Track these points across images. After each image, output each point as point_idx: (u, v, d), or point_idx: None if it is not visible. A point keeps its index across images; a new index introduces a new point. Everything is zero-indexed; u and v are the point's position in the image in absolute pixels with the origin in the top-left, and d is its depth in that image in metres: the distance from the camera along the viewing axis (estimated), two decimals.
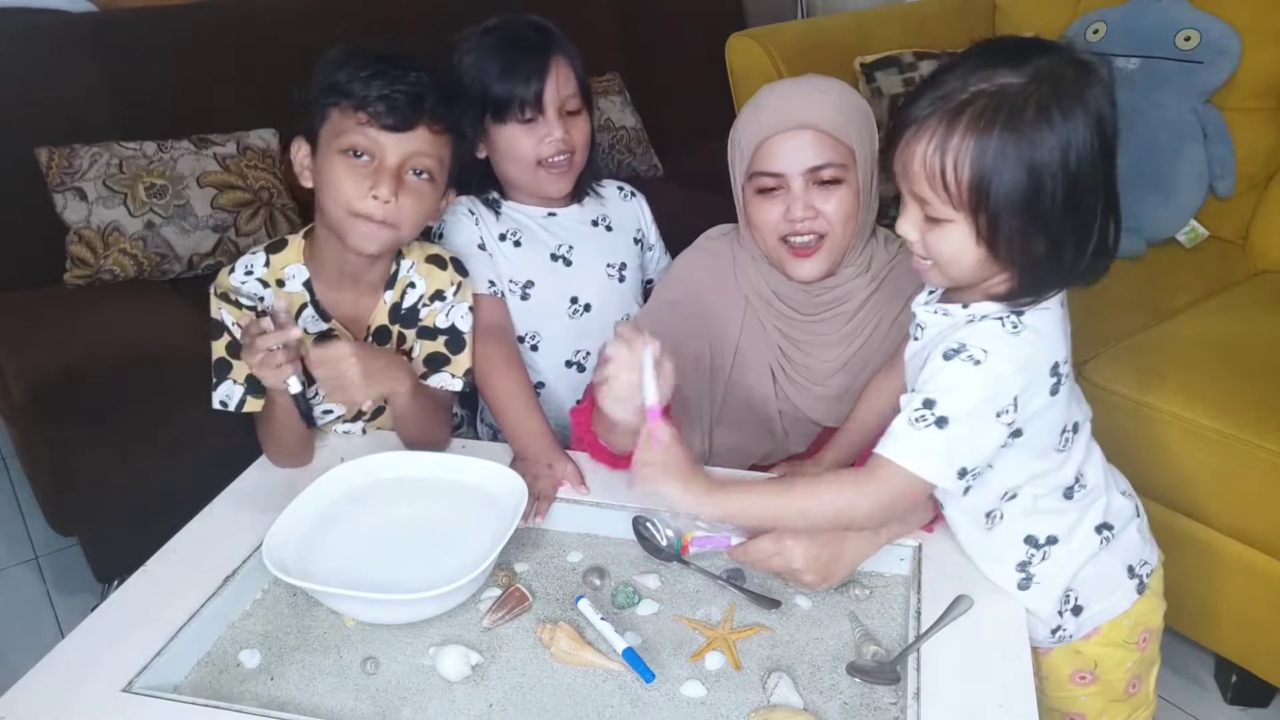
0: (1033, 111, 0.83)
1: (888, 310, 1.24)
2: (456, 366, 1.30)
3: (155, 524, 1.14)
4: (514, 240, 1.43)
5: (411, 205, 1.17)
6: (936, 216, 0.88)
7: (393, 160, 1.14)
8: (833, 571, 1.02)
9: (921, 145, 0.86)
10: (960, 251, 0.89)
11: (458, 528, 1.10)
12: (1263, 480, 1.38)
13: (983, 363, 0.88)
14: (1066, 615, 1.04)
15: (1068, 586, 1.02)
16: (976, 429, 0.89)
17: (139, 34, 2.17)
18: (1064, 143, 0.83)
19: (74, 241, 1.94)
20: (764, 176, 1.17)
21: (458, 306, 1.30)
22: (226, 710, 0.89)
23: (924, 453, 0.90)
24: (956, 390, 0.89)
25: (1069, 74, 0.84)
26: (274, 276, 1.26)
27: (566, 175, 1.41)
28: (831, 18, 2.79)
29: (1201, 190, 1.97)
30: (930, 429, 0.89)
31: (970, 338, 0.90)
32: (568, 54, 1.37)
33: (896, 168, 0.90)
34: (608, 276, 1.47)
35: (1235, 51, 1.90)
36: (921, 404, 0.90)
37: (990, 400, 0.89)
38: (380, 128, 1.13)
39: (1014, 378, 0.89)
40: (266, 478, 1.23)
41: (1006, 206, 0.84)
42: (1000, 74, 0.84)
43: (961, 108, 0.84)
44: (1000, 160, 0.83)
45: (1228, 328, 1.67)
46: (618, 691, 0.94)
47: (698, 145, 2.59)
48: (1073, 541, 1.01)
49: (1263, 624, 1.46)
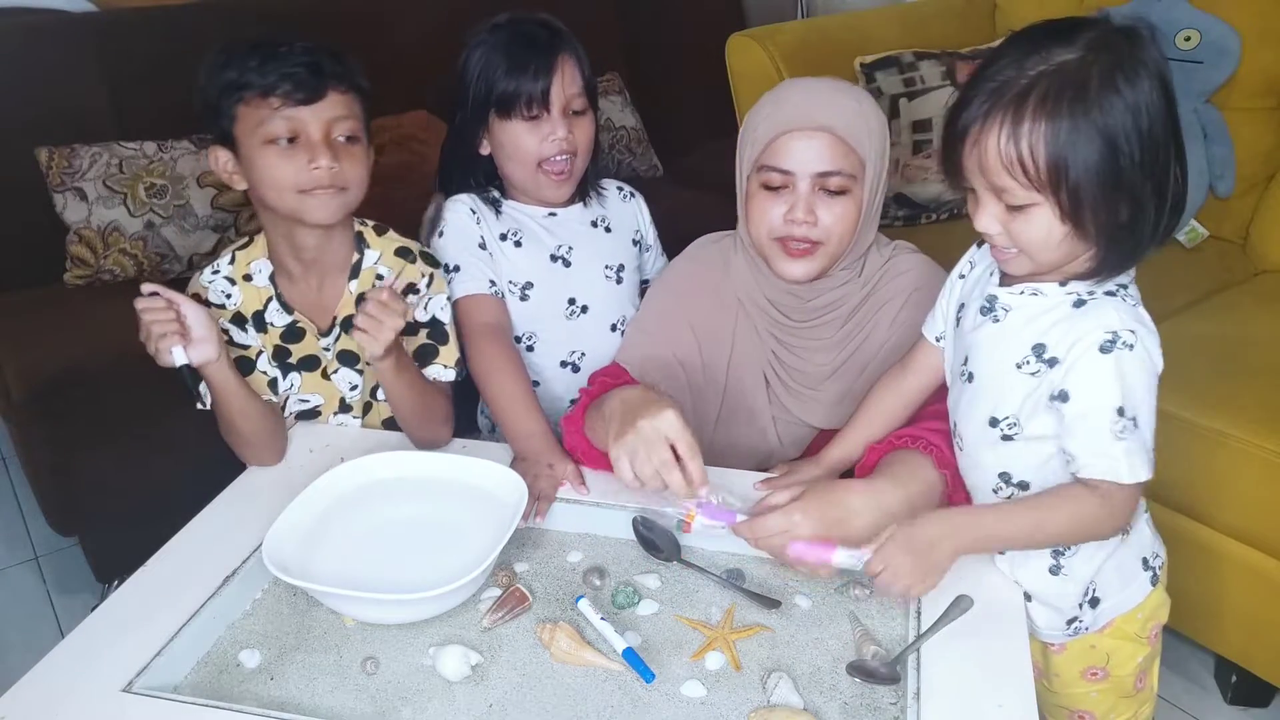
0: (1098, 81, 0.84)
1: (882, 314, 1.24)
2: (446, 357, 1.31)
3: (155, 524, 1.14)
4: (514, 240, 1.43)
5: (351, 166, 1.19)
6: (1018, 204, 0.89)
7: (316, 131, 1.16)
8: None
9: (993, 137, 0.87)
10: (1048, 234, 0.89)
11: (458, 528, 1.10)
12: (1262, 480, 1.38)
13: (1135, 345, 0.90)
14: (1085, 607, 1.05)
15: (1091, 578, 1.03)
16: (1153, 406, 0.92)
17: (139, 34, 2.17)
18: (1133, 106, 0.84)
19: (74, 241, 1.95)
20: (772, 172, 1.16)
21: (435, 299, 1.31)
22: (226, 710, 0.89)
23: (1137, 458, 0.91)
24: (1133, 385, 0.90)
25: (1120, 40, 0.86)
26: (240, 273, 1.28)
27: (566, 182, 1.40)
28: (831, 18, 2.79)
29: (1201, 190, 1.97)
30: (1133, 435, 0.91)
31: (1110, 322, 0.90)
32: (576, 53, 1.37)
33: (968, 166, 0.90)
34: (605, 278, 1.47)
35: (1235, 51, 1.90)
36: (1116, 414, 0.90)
37: (1153, 374, 0.92)
38: (295, 104, 1.14)
39: (1156, 347, 0.92)
40: (266, 478, 1.23)
41: (1087, 179, 0.85)
42: (1055, 53, 0.85)
43: (1026, 92, 0.85)
44: (1075, 135, 0.84)
45: (1228, 328, 1.67)
46: (618, 691, 0.94)
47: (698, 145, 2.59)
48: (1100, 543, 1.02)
49: (1263, 624, 1.46)
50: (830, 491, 1.03)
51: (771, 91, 1.20)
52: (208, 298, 1.26)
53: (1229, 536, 1.45)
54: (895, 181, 2.17)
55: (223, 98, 1.16)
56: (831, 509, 1.00)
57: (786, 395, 1.27)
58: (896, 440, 1.10)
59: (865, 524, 1.01)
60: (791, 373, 1.26)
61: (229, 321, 1.27)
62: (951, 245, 1.11)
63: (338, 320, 1.29)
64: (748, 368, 1.28)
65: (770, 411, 1.28)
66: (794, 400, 1.27)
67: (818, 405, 1.26)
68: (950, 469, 1.07)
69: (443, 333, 1.31)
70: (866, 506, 1.02)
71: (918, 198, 2.18)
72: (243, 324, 1.28)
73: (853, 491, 1.03)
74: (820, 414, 1.26)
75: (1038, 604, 1.06)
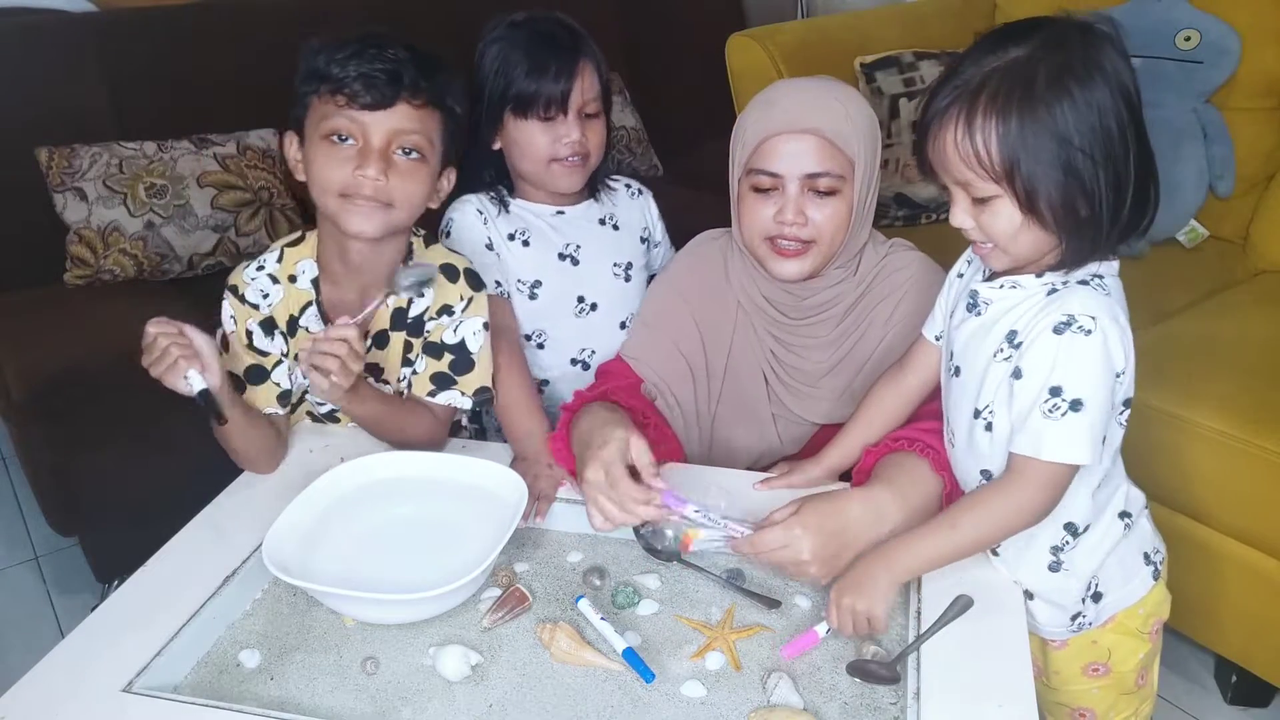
0: (1044, 78, 0.86)
1: (878, 311, 1.24)
2: (466, 384, 1.26)
3: (155, 524, 1.14)
4: (523, 240, 1.43)
5: (402, 184, 1.14)
6: (981, 196, 0.91)
7: (377, 139, 1.12)
8: (837, 564, 1.01)
9: (950, 132, 0.89)
10: (1012, 225, 0.91)
11: (458, 528, 1.10)
12: (1262, 480, 1.38)
13: (1093, 331, 0.90)
14: (1088, 602, 1.05)
15: (1094, 573, 1.03)
16: (1104, 397, 0.91)
17: (139, 34, 2.17)
18: (1085, 101, 0.85)
19: (74, 241, 1.95)
20: (761, 175, 1.17)
21: (467, 322, 1.26)
22: (226, 710, 0.89)
23: (1068, 442, 0.91)
24: (1079, 369, 0.90)
25: (1075, 37, 0.87)
26: (286, 272, 1.24)
27: (579, 171, 1.41)
28: (831, 18, 2.79)
29: (1201, 190, 1.97)
30: (1067, 416, 0.90)
31: (1071, 307, 0.91)
32: (595, 57, 1.37)
33: (933, 161, 0.93)
34: (614, 276, 1.48)
35: (1235, 51, 1.90)
36: (1049, 393, 0.90)
37: (1108, 364, 0.91)
38: (360, 107, 1.10)
39: (1120, 336, 0.91)
40: (266, 477, 1.23)
41: (1040, 172, 0.87)
42: (1009, 51, 0.88)
43: (979, 89, 0.88)
44: (1023, 130, 0.86)
45: (1228, 328, 1.67)
46: (618, 691, 0.94)
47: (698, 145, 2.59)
48: (1099, 528, 1.02)
49: (1263, 624, 1.46)
50: (828, 503, 1.03)
51: (760, 94, 1.21)
52: (244, 294, 1.22)
53: (1228, 536, 1.45)
54: (895, 181, 2.17)
55: (303, 84, 1.14)
56: (830, 521, 1.01)
57: (785, 393, 1.27)
58: (893, 443, 1.10)
59: (864, 533, 1.02)
60: (790, 370, 1.26)
61: (256, 324, 1.24)
62: (951, 245, 1.11)
63: (371, 335, 1.25)
64: (747, 366, 1.28)
65: (770, 409, 1.28)
66: (793, 398, 1.27)
67: (817, 402, 1.26)
68: (948, 471, 1.07)
69: (468, 360, 1.26)
70: (865, 516, 1.02)
71: (918, 198, 2.18)
72: (271, 329, 1.24)
73: (850, 501, 1.04)
74: (819, 411, 1.27)
75: (1040, 601, 1.06)
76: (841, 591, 0.97)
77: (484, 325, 1.27)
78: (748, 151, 1.18)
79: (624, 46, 2.72)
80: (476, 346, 1.26)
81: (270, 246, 1.27)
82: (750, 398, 1.28)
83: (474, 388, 1.27)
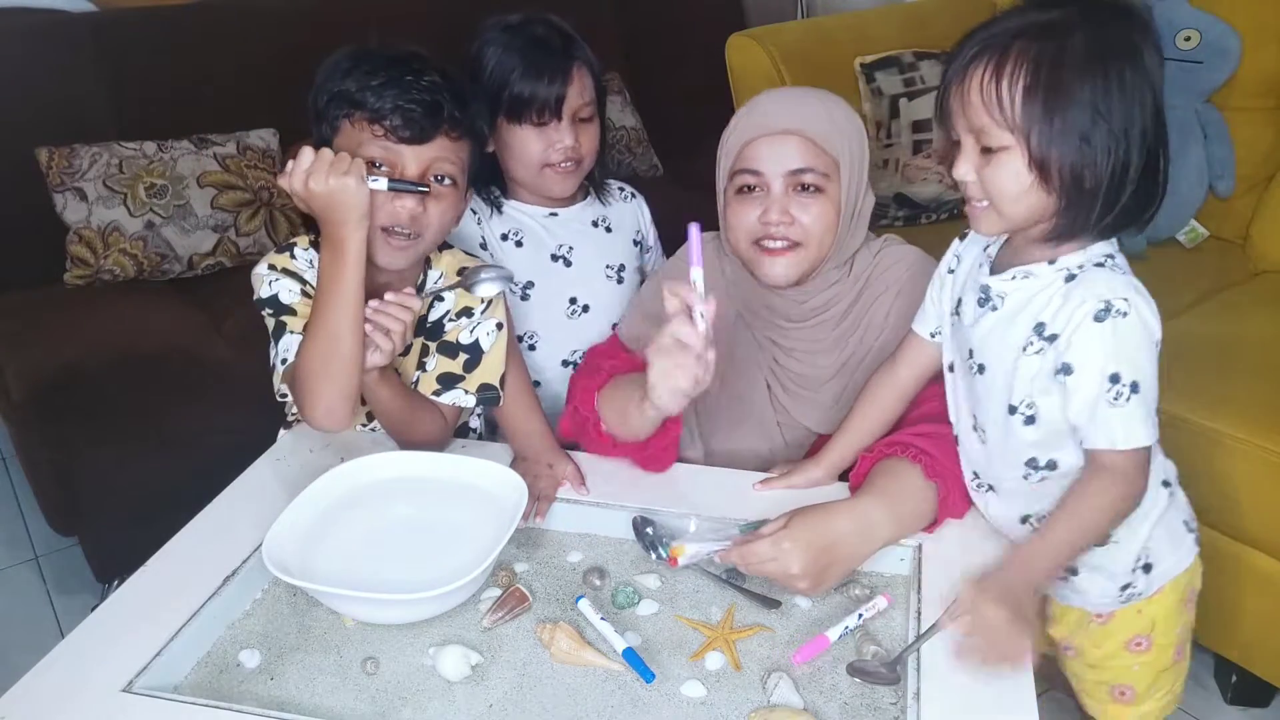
0: (1081, 45, 0.87)
1: (876, 309, 1.24)
2: (470, 383, 1.25)
3: (155, 524, 1.14)
4: (515, 240, 1.43)
5: (437, 213, 1.15)
6: (992, 145, 0.91)
7: (414, 171, 1.12)
8: (826, 578, 1.02)
9: (978, 72, 0.90)
10: (1015, 181, 0.91)
11: (458, 528, 1.10)
12: (1262, 480, 1.38)
13: (1129, 312, 0.90)
14: (1138, 573, 1.06)
15: (1144, 544, 1.04)
16: (1153, 371, 0.92)
17: (139, 34, 2.17)
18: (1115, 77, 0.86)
19: (74, 241, 1.95)
20: (745, 174, 1.17)
21: (484, 323, 1.26)
22: (226, 710, 0.89)
23: (1137, 423, 0.92)
24: (1131, 352, 0.91)
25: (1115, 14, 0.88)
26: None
27: (572, 175, 1.41)
28: (831, 18, 2.79)
29: (1201, 190, 1.97)
30: (1130, 401, 0.91)
31: (1101, 291, 0.91)
32: (589, 61, 1.37)
33: (953, 106, 0.93)
34: (606, 278, 1.48)
35: (1235, 51, 1.90)
36: (1109, 381, 0.91)
37: (1151, 339, 0.92)
38: (398, 140, 1.10)
39: (1148, 306, 0.92)
40: (267, 477, 1.23)
41: (1058, 134, 0.87)
42: (1049, 11, 0.89)
43: (1014, 34, 0.88)
44: (1051, 86, 0.87)
45: (1228, 328, 1.67)
46: (618, 691, 0.94)
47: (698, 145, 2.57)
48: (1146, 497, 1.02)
49: (1263, 623, 1.46)
50: (817, 517, 1.02)
51: (745, 104, 1.22)
52: (289, 268, 1.18)
53: (1229, 536, 1.45)
54: (895, 181, 2.17)
55: (332, 105, 1.11)
56: (819, 536, 1.01)
57: (787, 398, 1.27)
58: (886, 449, 1.11)
59: (854, 548, 1.03)
60: (793, 376, 1.26)
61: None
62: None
63: None
64: (748, 373, 1.28)
65: (774, 415, 1.28)
66: (794, 403, 1.27)
67: (818, 407, 1.26)
68: (942, 477, 1.07)
69: (478, 359, 1.26)
70: (854, 531, 1.03)
71: (918, 198, 2.18)
72: None
73: (838, 515, 1.03)
74: (821, 416, 1.26)
75: (1088, 573, 1.06)
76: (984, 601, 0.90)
77: (498, 325, 1.27)
78: (732, 157, 1.19)
79: (624, 46, 2.72)
80: (489, 345, 1.26)
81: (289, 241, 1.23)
82: (753, 404, 1.28)
83: (478, 384, 1.26)
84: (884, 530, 1.04)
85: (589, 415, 1.20)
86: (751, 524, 1.08)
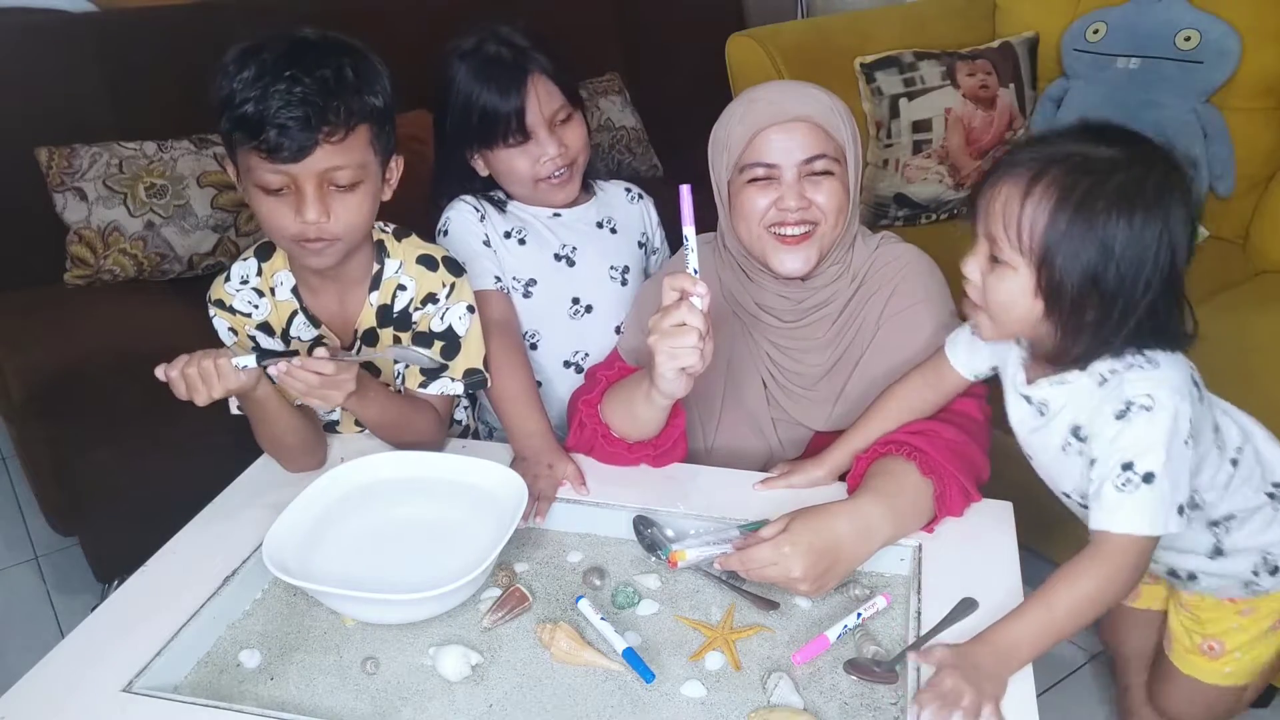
0: (1114, 186, 0.87)
1: (870, 308, 1.24)
2: (455, 370, 1.27)
3: (155, 524, 1.14)
4: (519, 238, 1.43)
5: (347, 213, 1.11)
6: (1002, 259, 0.93)
7: (309, 184, 1.08)
8: (827, 581, 1.02)
9: (1007, 186, 0.91)
10: (1014, 300, 0.93)
11: (458, 528, 1.10)
12: None
13: (1153, 408, 0.91)
14: (1262, 574, 1.08)
15: (1264, 551, 1.07)
16: (1178, 466, 0.92)
17: (139, 34, 2.17)
18: (1139, 226, 0.87)
19: (74, 241, 1.95)
20: (757, 167, 1.17)
21: (453, 308, 1.26)
22: (226, 710, 0.89)
23: (1144, 513, 0.91)
24: (1147, 443, 0.91)
25: (1160, 165, 0.89)
26: (266, 285, 1.24)
27: (568, 184, 1.41)
28: (831, 18, 2.78)
29: (1201, 190, 1.97)
30: (1141, 489, 0.91)
31: (1126, 393, 0.93)
32: (545, 67, 1.35)
33: (981, 203, 0.95)
34: (610, 279, 1.48)
35: (1235, 51, 1.90)
36: (1120, 468, 0.91)
37: (1176, 434, 0.92)
38: (280, 162, 1.05)
39: (1182, 404, 0.92)
40: (266, 478, 1.23)
41: (1069, 269, 0.89)
42: (1098, 147, 0.90)
43: (1052, 162, 0.89)
44: (1072, 222, 0.88)
45: (1228, 328, 1.66)
46: (618, 691, 0.94)
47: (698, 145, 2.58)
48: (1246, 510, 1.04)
49: None
50: (817, 520, 1.02)
51: (737, 99, 1.22)
52: (233, 305, 1.23)
53: None
54: (895, 181, 2.17)
55: (222, 117, 1.08)
56: (819, 539, 1.01)
57: (784, 397, 1.27)
58: (881, 448, 1.11)
59: (854, 549, 1.03)
60: (789, 375, 1.26)
61: (255, 329, 1.24)
62: (951, 245, 1.10)
63: (359, 333, 1.25)
64: (745, 372, 1.28)
65: (770, 414, 1.28)
66: (791, 401, 1.27)
67: (814, 406, 1.26)
68: (938, 475, 1.08)
69: (455, 345, 1.26)
70: (854, 532, 1.03)
71: (918, 198, 2.18)
72: (270, 332, 1.25)
73: (837, 516, 1.03)
74: (817, 414, 1.26)
75: (1206, 579, 1.10)
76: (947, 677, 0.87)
77: (469, 309, 1.26)
78: (737, 150, 1.18)
79: (624, 46, 2.72)
80: (464, 330, 1.26)
81: (240, 256, 1.25)
82: (749, 404, 1.28)
83: (463, 370, 1.26)
84: (883, 530, 1.04)
85: (597, 428, 1.21)
86: (752, 524, 1.08)
